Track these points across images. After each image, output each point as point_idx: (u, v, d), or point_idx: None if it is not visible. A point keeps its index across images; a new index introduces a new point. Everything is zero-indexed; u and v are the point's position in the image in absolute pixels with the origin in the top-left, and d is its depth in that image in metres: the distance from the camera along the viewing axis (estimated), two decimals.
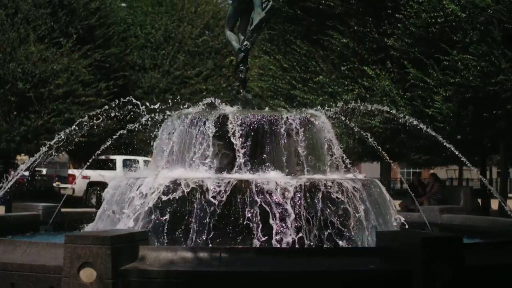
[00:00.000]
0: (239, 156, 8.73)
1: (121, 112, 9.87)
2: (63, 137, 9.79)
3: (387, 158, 11.34)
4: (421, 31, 16.80)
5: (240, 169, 8.70)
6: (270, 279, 5.96)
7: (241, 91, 10.18)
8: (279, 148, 8.99)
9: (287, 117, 9.07)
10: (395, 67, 17.86)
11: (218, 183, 7.79)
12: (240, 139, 8.76)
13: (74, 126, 9.89)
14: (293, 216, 7.61)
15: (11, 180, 9.56)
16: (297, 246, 7.53)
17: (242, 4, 10.42)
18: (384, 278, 6.07)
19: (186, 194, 7.76)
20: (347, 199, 8.10)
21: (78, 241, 5.87)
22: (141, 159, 24.81)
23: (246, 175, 8.45)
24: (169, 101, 10.76)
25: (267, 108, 14.54)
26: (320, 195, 7.94)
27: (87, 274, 5.75)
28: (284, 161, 8.92)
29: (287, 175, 8.64)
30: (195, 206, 7.71)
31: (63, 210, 10.91)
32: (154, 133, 9.77)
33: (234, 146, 8.77)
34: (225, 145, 9.05)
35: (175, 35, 30.99)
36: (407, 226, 9.31)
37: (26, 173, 26.18)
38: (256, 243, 7.53)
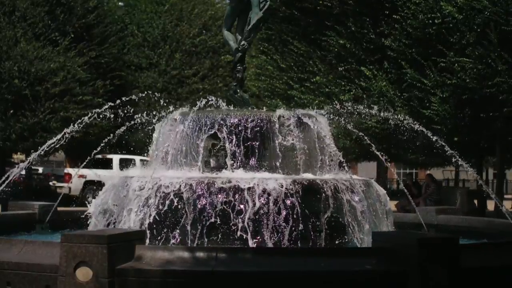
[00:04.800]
0: (229, 155, 8.77)
1: (120, 112, 9.87)
2: (60, 137, 9.78)
3: (384, 159, 11.36)
4: (418, 32, 16.83)
5: (231, 169, 8.72)
6: (266, 279, 5.96)
7: (238, 91, 10.19)
8: (273, 147, 8.99)
9: (281, 117, 9.07)
10: (392, 67, 17.89)
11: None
12: (233, 139, 8.77)
13: (72, 127, 9.87)
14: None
15: (7, 178, 9.55)
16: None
17: (239, 4, 10.44)
18: (380, 278, 6.08)
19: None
20: (336, 199, 8.08)
21: (74, 240, 5.86)
22: (137, 158, 24.78)
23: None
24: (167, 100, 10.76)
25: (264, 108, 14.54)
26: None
27: (83, 273, 5.74)
28: (277, 160, 8.92)
29: (280, 174, 8.66)
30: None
31: (59, 209, 10.90)
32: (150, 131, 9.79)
33: (226, 146, 8.78)
34: (220, 145, 9.04)
35: (172, 34, 30.97)
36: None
37: (23, 172, 26.14)
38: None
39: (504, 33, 15.12)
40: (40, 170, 30.60)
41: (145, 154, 23.93)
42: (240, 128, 8.86)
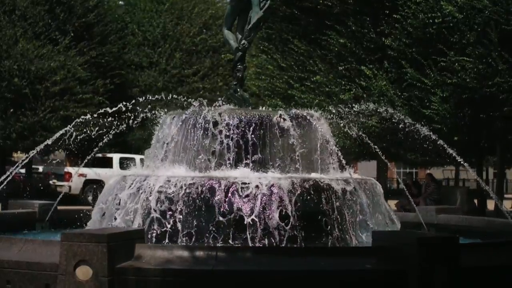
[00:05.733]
0: (228, 154, 8.76)
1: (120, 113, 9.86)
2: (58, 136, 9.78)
3: (384, 158, 11.35)
4: (418, 32, 16.82)
5: (230, 167, 8.72)
6: (266, 278, 5.96)
7: (238, 90, 10.18)
8: (272, 146, 8.97)
9: (280, 116, 9.06)
10: (392, 67, 17.88)
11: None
12: (231, 137, 8.76)
13: (70, 126, 9.87)
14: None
15: (7, 177, 9.54)
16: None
17: (240, 3, 10.43)
18: (380, 277, 6.08)
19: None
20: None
21: (74, 239, 5.86)
22: (137, 157, 24.79)
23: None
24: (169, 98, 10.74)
25: (264, 107, 14.55)
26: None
27: (83, 272, 5.74)
28: (277, 159, 8.90)
29: (281, 173, 8.65)
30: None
31: (59, 208, 10.90)
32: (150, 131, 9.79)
33: (225, 145, 8.78)
34: (218, 144, 9.02)
35: (173, 33, 30.97)
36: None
37: (23, 171, 26.16)
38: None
39: (504, 33, 15.11)
40: (40, 168, 30.61)
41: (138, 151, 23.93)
42: (240, 127, 8.85)
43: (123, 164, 23.50)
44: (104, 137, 10.03)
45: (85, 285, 5.73)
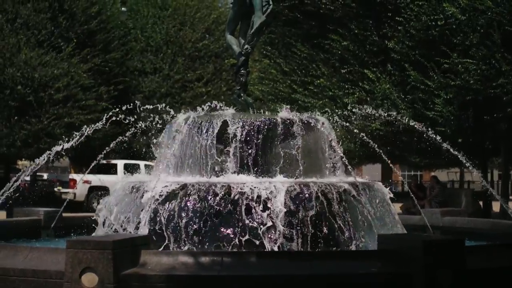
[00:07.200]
0: (233, 159, 8.74)
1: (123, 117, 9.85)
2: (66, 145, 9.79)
3: (389, 161, 11.33)
4: (421, 34, 16.82)
5: (235, 173, 8.71)
6: (272, 283, 5.95)
7: (242, 94, 10.18)
8: (277, 151, 8.95)
9: (285, 120, 9.06)
10: (395, 69, 17.87)
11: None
12: (238, 142, 8.75)
13: (76, 134, 9.88)
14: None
15: (12, 185, 9.55)
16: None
17: (242, 8, 10.43)
18: (385, 280, 6.07)
19: None
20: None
21: (79, 246, 5.86)
22: (142, 163, 24.81)
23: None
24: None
25: (267, 112, 14.53)
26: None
27: (89, 279, 5.74)
28: (282, 164, 8.89)
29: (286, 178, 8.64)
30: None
31: (64, 215, 10.90)
32: (155, 138, 9.78)
33: (230, 150, 8.77)
34: (225, 149, 9.02)
35: (175, 38, 31.02)
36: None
37: (27, 178, 26.19)
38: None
39: (507, 34, 15.11)
40: (45, 176, 30.68)
41: (150, 160, 23.95)
42: (244, 132, 8.84)
43: (128, 170, 23.50)
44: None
45: None
